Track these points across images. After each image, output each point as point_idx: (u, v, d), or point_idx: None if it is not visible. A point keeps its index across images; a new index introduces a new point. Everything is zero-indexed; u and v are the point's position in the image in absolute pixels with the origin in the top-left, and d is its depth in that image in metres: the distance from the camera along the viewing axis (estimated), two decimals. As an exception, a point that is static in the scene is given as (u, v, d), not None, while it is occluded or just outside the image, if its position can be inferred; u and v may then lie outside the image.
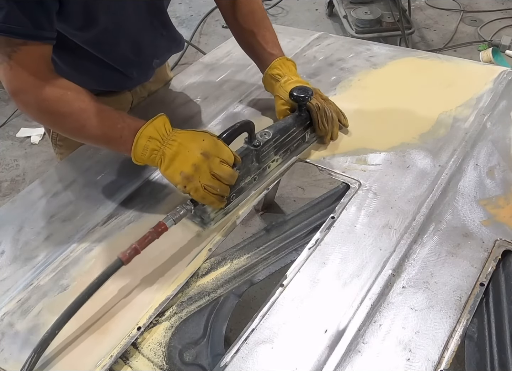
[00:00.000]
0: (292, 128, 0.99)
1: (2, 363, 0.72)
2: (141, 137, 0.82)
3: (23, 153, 2.56)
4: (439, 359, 0.68)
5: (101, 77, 1.05)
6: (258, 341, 0.71)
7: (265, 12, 1.12)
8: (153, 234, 0.77)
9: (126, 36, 0.99)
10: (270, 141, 0.94)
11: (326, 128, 1.03)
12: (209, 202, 0.84)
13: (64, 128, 0.88)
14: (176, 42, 1.16)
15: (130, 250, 0.75)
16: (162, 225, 0.79)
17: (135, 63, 1.07)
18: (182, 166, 0.80)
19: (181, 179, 0.81)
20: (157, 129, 0.83)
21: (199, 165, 0.80)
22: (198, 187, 0.81)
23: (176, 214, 0.81)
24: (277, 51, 1.09)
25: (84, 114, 0.83)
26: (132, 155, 0.83)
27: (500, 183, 0.93)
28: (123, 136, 0.83)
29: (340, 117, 1.07)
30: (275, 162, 0.99)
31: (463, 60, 1.32)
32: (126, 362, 0.72)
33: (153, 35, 1.06)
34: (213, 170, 0.81)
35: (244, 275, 0.85)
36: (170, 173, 0.82)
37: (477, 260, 0.80)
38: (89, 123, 0.83)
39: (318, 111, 1.01)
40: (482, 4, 3.49)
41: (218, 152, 0.82)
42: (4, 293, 0.82)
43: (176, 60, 2.97)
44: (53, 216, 0.95)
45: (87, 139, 0.90)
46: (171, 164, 0.81)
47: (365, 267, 0.79)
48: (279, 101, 1.06)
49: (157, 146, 0.82)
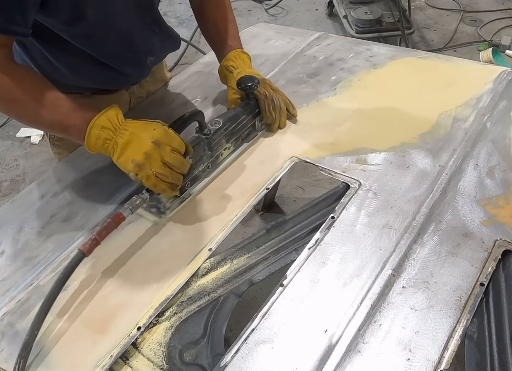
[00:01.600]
0: (242, 116, 1.04)
1: (2, 363, 0.72)
2: (94, 127, 0.83)
3: (23, 153, 2.56)
4: (439, 359, 0.68)
5: (94, 74, 1.05)
6: (258, 341, 0.71)
7: (230, 4, 1.16)
8: (111, 224, 0.81)
9: (116, 30, 0.98)
10: (221, 129, 0.98)
11: (273, 116, 1.08)
12: (161, 190, 0.85)
13: (19, 115, 0.89)
14: (171, 41, 1.16)
15: (90, 241, 0.78)
16: (119, 215, 0.82)
17: (128, 60, 1.06)
18: (134, 155, 0.82)
19: (133, 167, 0.82)
20: (110, 119, 0.84)
21: (150, 153, 0.82)
22: (150, 174, 0.82)
23: (133, 203, 0.84)
24: (235, 43, 1.14)
25: (39, 102, 0.84)
26: (85, 144, 0.85)
27: (500, 183, 0.93)
28: (77, 124, 0.84)
29: (288, 107, 1.12)
30: (227, 150, 1.03)
31: (463, 60, 1.32)
32: (126, 362, 0.72)
33: (145, 32, 1.05)
34: (164, 158, 0.83)
35: (244, 275, 0.85)
36: (123, 161, 0.83)
37: (477, 260, 0.80)
38: (44, 111, 0.84)
39: (265, 99, 1.07)
40: (482, 4, 3.49)
41: (169, 140, 0.84)
42: (4, 293, 0.82)
43: (176, 60, 2.96)
44: (53, 216, 0.95)
45: (42, 126, 0.94)
46: (123, 152, 0.83)
47: (365, 267, 0.79)
48: (231, 91, 1.10)
49: (109, 135, 0.83)
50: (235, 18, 1.17)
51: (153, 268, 0.84)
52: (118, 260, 0.86)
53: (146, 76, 1.18)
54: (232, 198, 0.95)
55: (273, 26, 1.67)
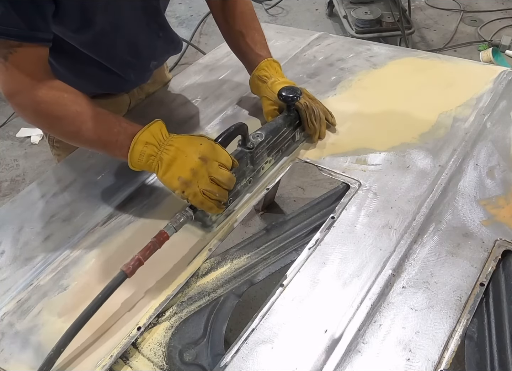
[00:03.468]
0: (283, 129, 1.00)
1: (2, 363, 0.72)
2: (138, 143, 0.81)
3: (23, 153, 2.56)
4: (439, 359, 0.68)
5: (98, 80, 1.05)
6: (258, 341, 0.71)
7: (254, 13, 1.13)
8: (155, 244, 0.77)
9: (123, 37, 0.99)
10: (263, 142, 0.95)
11: (315, 126, 1.04)
12: (208, 208, 0.82)
13: (60, 131, 0.87)
14: (174, 44, 1.16)
15: (133, 262, 0.74)
16: (163, 233, 0.78)
17: (133, 65, 1.06)
18: (180, 171, 0.79)
19: (179, 185, 0.79)
20: (154, 135, 0.82)
21: (197, 170, 0.79)
22: (197, 192, 0.79)
23: (176, 221, 0.80)
24: (265, 52, 1.10)
25: (80, 117, 0.82)
26: (129, 161, 0.83)
27: (500, 183, 0.93)
28: (119, 140, 0.82)
29: (327, 116, 1.09)
30: (268, 164, 1.00)
31: (463, 60, 1.32)
32: (126, 362, 0.72)
33: (150, 37, 1.05)
34: (211, 174, 0.80)
35: (244, 275, 0.85)
36: (168, 178, 0.81)
37: (477, 260, 0.80)
38: (85, 127, 0.82)
39: (306, 110, 1.02)
40: (482, 4, 3.49)
41: (216, 156, 0.81)
42: (4, 293, 0.82)
43: (176, 60, 2.96)
44: (53, 216, 0.95)
45: (83, 143, 0.89)
46: (168, 169, 0.80)
47: (365, 267, 0.79)
48: (267, 102, 1.07)
49: (154, 151, 0.81)
50: (261, 27, 1.13)
51: (153, 268, 0.84)
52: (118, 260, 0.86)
53: (148, 79, 1.18)
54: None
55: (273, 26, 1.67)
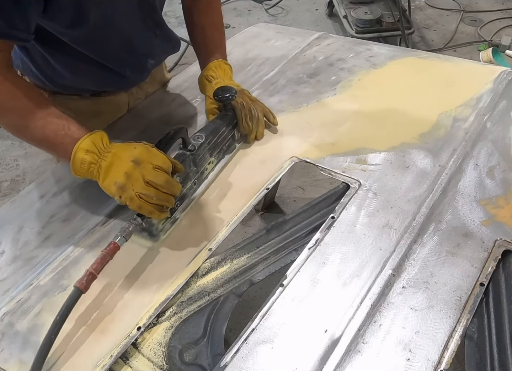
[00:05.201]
0: (222, 128, 1.02)
1: (2, 363, 0.72)
2: (79, 151, 0.81)
3: (23, 153, 2.56)
4: (439, 359, 0.68)
5: (94, 76, 1.04)
6: (258, 341, 0.71)
7: (221, 13, 1.15)
8: (106, 256, 0.76)
9: (117, 33, 0.98)
10: (204, 143, 0.95)
11: (250, 127, 1.06)
12: (148, 212, 0.80)
13: (8, 124, 0.86)
14: (172, 43, 1.16)
15: (86, 277, 0.73)
16: (113, 244, 0.77)
17: (128, 62, 1.06)
18: (115, 176, 0.79)
19: (115, 190, 0.79)
20: (94, 142, 0.81)
21: (130, 173, 0.78)
22: (132, 196, 0.78)
23: (126, 230, 0.79)
24: (219, 52, 1.12)
25: (30, 113, 0.82)
26: (71, 167, 0.82)
27: (500, 183, 0.93)
28: (64, 143, 0.82)
29: (268, 116, 1.10)
30: (211, 164, 1.00)
31: (463, 60, 1.32)
32: (126, 362, 0.72)
33: (146, 34, 1.05)
34: (145, 177, 0.78)
35: (244, 275, 0.85)
36: (107, 184, 0.80)
37: (477, 260, 0.80)
38: (33, 124, 0.82)
39: (242, 109, 1.05)
40: (482, 4, 3.49)
41: (150, 158, 0.80)
42: (4, 293, 0.82)
43: (176, 60, 2.96)
44: (53, 216, 0.95)
45: (30, 140, 0.88)
46: (107, 176, 0.80)
47: (365, 267, 0.79)
48: (209, 100, 1.09)
49: (94, 159, 0.81)
50: (223, 26, 1.15)
51: (153, 268, 0.84)
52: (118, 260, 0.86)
53: (146, 78, 1.17)
54: (232, 198, 0.95)
55: (273, 26, 1.67)
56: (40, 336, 0.75)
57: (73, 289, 0.72)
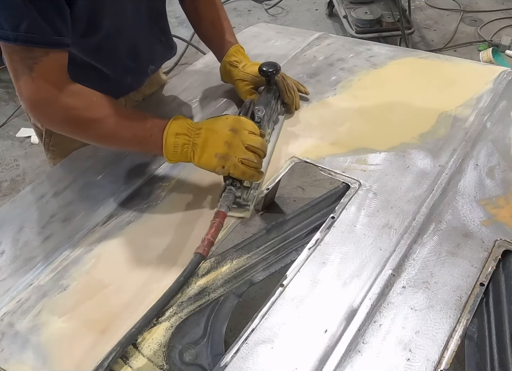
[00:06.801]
0: (272, 101, 1.07)
1: (2, 363, 0.72)
2: (169, 136, 0.84)
3: (23, 153, 2.56)
4: (439, 359, 0.68)
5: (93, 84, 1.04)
6: (258, 341, 0.71)
7: (221, 3, 1.18)
8: (219, 224, 0.79)
9: (125, 41, 0.98)
10: (265, 115, 1.00)
11: (292, 97, 1.12)
12: (250, 176, 0.85)
13: (94, 135, 0.88)
14: (172, 50, 1.19)
15: (206, 243, 0.76)
16: (221, 213, 0.81)
17: (131, 69, 1.06)
18: (215, 148, 0.82)
19: (217, 161, 0.82)
20: (181, 125, 0.85)
21: (231, 142, 0.82)
22: (236, 162, 0.82)
23: (227, 199, 0.83)
24: (233, 39, 1.16)
25: (113, 118, 0.84)
26: (165, 155, 0.85)
27: (500, 183, 0.93)
28: (153, 135, 0.85)
29: (299, 87, 1.17)
30: (268, 136, 1.04)
31: (463, 60, 1.32)
32: (126, 362, 0.72)
33: (150, 40, 1.05)
34: (245, 142, 0.84)
35: (244, 275, 0.85)
36: (206, 159, 0.83)
37: (477, 260, 0.80)
38: (118, 127, 0.84)
39: (283, 81, 1.10)
40: (482, 4, 3.49)
41: (244, 125, 0.85)
42: (4, 293, 0.82)
43: (176, 60, 2.96)
44: (53, 216, 0.95)
45: (118, 143, 0.90)
46: (204, 151, 0.83)
47: (365, 267, 0.79)
48: (242, 83, 1.13)
49: (186, 140, 0.84)
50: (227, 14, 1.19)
51: (153, 268, 0.84)
52: (119, 260, 0.86)
53: (144, 83, 1.18)
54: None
55: (273, 26, 1.67)
56: (40, 336, 0.75)
57: (195, 255, 0.76)
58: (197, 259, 0.76)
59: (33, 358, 0.72)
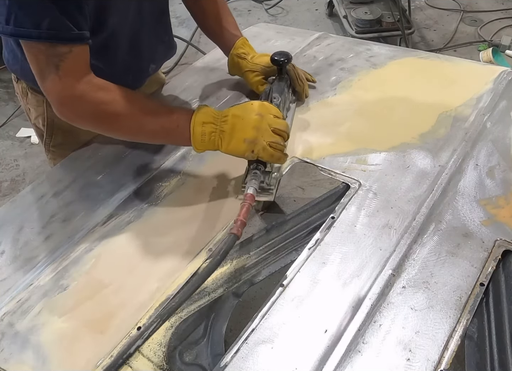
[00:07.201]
0: (285, 89, 1.09)
1: (2, 363, 0.72)
2: (196, 125, 0.85)
3: (23, 153, 2.56)
4: (439, 359, 0.68)
5: None
6: (258, 341, 0.71)
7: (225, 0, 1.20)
8: (249, 205, 0.81)
9: (128, 39, 0.98)
10: (280, 103, 1.02)
11: (302, 85, 1.15)
12: (277, 159, 0.87)
13: (122, 129, 0.89)
14: (173, 50, 1.19)
15: (239, 223, 0.77)
16: (250, 195, 0.82)
17: (133, 69, 1.06)
18: (243, 134, 0.84)
19: (246, 146, 0.84)
20: (206, 114, 0.86)
21: (259, 126, 0.84)
22: (265, 146, 0.84)
23: (254, 183, 0.85)
24: (239, 32, 1.18)
25: (141, 111, 0.86)
26: (193, 144, 0.87)
27: (500, 183, 0.93)
28: (180, 125, 0.86)
29: (307, 76, 1.21)
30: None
31: (463, 60, 1.32)
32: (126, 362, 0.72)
33: (154, 40, 1.06)
34: (272, 125, 0.86)
35: (244, 275, 0.85)
36: (234, 145, 0.85)
37: (477, 260, 0.80)
38: (146, 119, 0.86)
39: (294, 70, 1.13)
40: (482, 4, 3.49)
41: (268, 110, 0.88)
42: (4, 293, 0.82)
43: (176, 60, 2.96)
44: (53, 216, 0.95)
45: (145, 136, 0.91)
46: (232, 137, 0.85)
47: (365, 267, 0.79)
48: (252, 74, 1.15)
49: (213, 128, 0.85)
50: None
51: (154, 268, 0.84)
52: (119, 260, 0.86)
53: (144, 82, 1.18)
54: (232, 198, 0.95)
55: (273, 26, 1.67)
56: (40, 336, 0.75)
57: (229, 235, 0.77)
58: (231, 239, 0.76)
59: (33, 358, 0.72)
